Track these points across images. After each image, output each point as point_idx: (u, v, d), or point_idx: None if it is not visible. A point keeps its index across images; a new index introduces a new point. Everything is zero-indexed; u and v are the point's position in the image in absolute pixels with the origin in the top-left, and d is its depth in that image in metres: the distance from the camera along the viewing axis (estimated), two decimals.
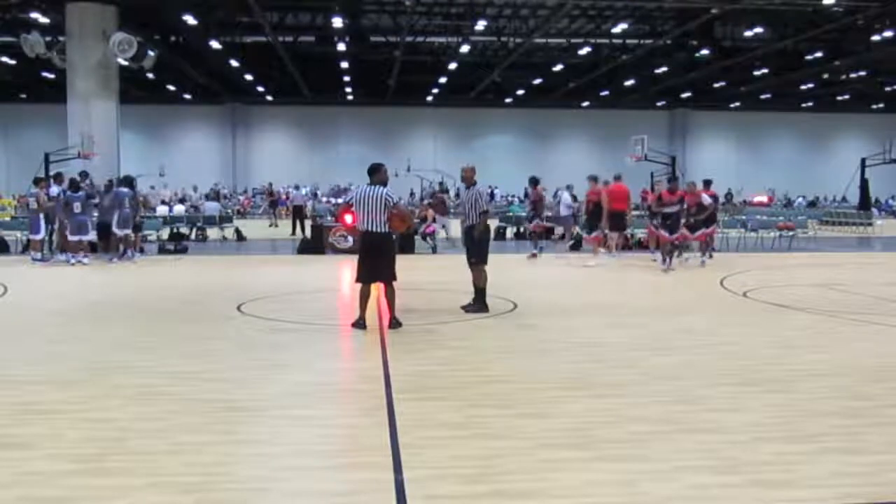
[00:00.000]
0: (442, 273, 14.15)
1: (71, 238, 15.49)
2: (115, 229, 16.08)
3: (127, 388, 6.00)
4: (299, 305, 10.52)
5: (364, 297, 8.54)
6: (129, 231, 16.30)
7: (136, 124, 40.75)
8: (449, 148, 46.74)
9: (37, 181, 17.13)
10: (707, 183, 18.37)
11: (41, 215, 15.76)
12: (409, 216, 9.38)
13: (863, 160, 31.95)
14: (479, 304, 9.71)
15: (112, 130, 24.53)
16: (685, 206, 15.14)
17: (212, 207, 26.00)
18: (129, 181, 17.22)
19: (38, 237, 15.90)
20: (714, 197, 18.39)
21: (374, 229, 8.40)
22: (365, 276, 8.53)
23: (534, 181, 17.96)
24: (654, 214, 15.31)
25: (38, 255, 15.74)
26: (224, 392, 5.94)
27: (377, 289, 8.73)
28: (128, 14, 24.36)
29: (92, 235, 16.00)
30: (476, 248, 9.80)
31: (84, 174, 18.19)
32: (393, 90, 40.77)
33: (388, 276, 8.49)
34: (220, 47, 30.40)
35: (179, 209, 27.09)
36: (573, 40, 31.08)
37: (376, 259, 8.48)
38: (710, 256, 17.48)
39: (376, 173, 8.61)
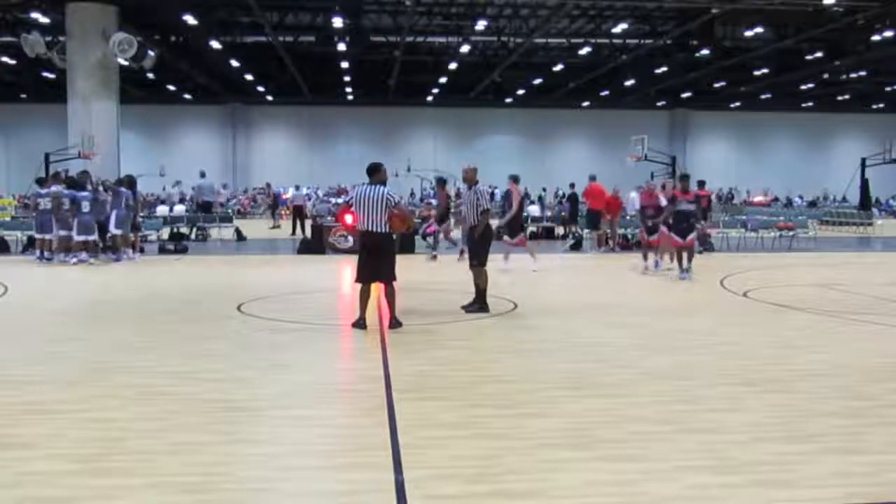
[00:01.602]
0: (442, 273, 14.15)
1: (77, 238, 15.52)
2: (111, 229, 16.10)
3: (127, 388, 6.00)
4: (299, 305, 10.51)
5: (364, 297, 8.53)
6: (120, 231, 16.23)
7: (136, 124, 40.77)
8: (449, 148, 46.76)
9: (41, 181, 17.13)
10: (701, 184, 18.44)
11: (52, 215, 15.78)
12: (409, 216, 9.38)
13: (863, 160, 31.96)
14: (479, 304, 9.71)
15: (112, 130, 24.56)
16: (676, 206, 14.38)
17: (208, 187, 25.54)
18: (128, 181, 17.20)
19: (49, 236, 15.91)
20: (707, 197, 18.44)
21: (375, 229, 8.38)
22: (365, 276, 8.52)
23: (441, 181, 18.04)
24: (663, 215, 14.12)
25: (49, 255, 15.77)
26: (224, 392, 5.94)
27: (377, 289, 8.72)
28: (128, 14, 24.39)
29: (95, 235, 16.01)
30: (477, 249, 9.80)
31: (84, 174, 18.19)
32: (393, 90, 40.78)
33: (388, 277, 8.48)
34: (220, 47, 30.41)
35: (179, 209, 27.05)
36: (573, 40, 31.09)
37: (376, 259, 8.47)
38: (701, 252, 17.44)
39: (377, 173, 8.59)
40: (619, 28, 28.51)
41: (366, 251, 8.57)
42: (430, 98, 44.33)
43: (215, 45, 29.82)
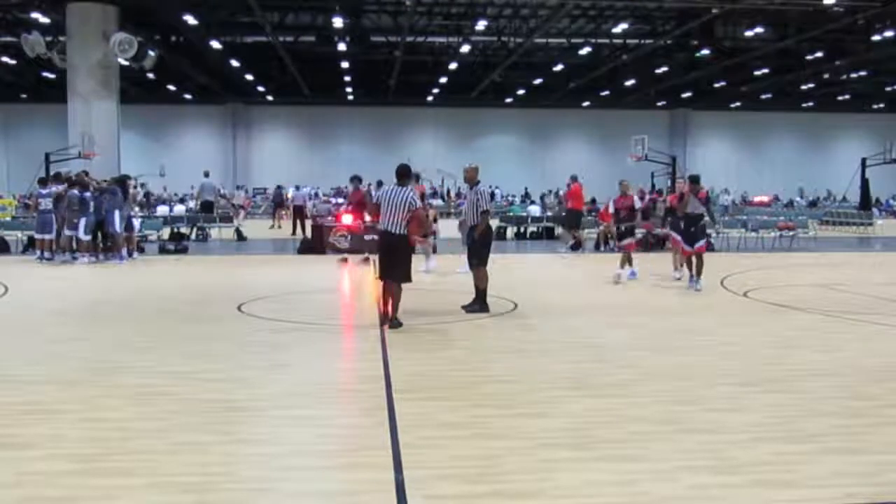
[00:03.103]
0: (442, 273, 14.14)
1: (84, 237, 15.56)
2: (117, 229, 16.12)
3: (127, 388, 6.00)
4: (299, 305, 10.52)
5: (386, 294, 8.65)
6: (119, 231, 16.24)
7: (136, 124, 40.73)
8: (449, 148, 46.71)
9: (43, 181, 17.13)
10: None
11: (53, 215, 15.79)
12: (426, 222, 9.49)
13: (863, 160, 31.95)
14: (479, 304, 9.71)
15: (112, 130, 24.55)
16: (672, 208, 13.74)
17: (209, 187, 25.46)
18: (121, 181, 17.22)
19: (49, 236, 15.92)
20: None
21: (393, 230, 8.51)
22: (384, 274, 8.66)
23: (356, 179, 16.65)
24: (672, 216, 13.50)
25: (49, 255, 15.78)
26: (224, 392, 5.94)
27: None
28: (128, 14, 24.38)
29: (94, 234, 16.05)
30: (477, 249, 9.80)
31: (84, 174, 18.17)
32: (393, 90, 40.74)
33: (399, 277, 8.57)
34: (220, 47, 30.39)
35: (179, 209, 27.02)
36: (573, 40, 31.05)
37: (391, 258, 8.59)
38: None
39: (406, 175, 8.79)
40: (619, 28, 28.48)
41: (383, 250, 8.71)
42: (430, 98, 44.29)
43: (215, 45, 29.78)
